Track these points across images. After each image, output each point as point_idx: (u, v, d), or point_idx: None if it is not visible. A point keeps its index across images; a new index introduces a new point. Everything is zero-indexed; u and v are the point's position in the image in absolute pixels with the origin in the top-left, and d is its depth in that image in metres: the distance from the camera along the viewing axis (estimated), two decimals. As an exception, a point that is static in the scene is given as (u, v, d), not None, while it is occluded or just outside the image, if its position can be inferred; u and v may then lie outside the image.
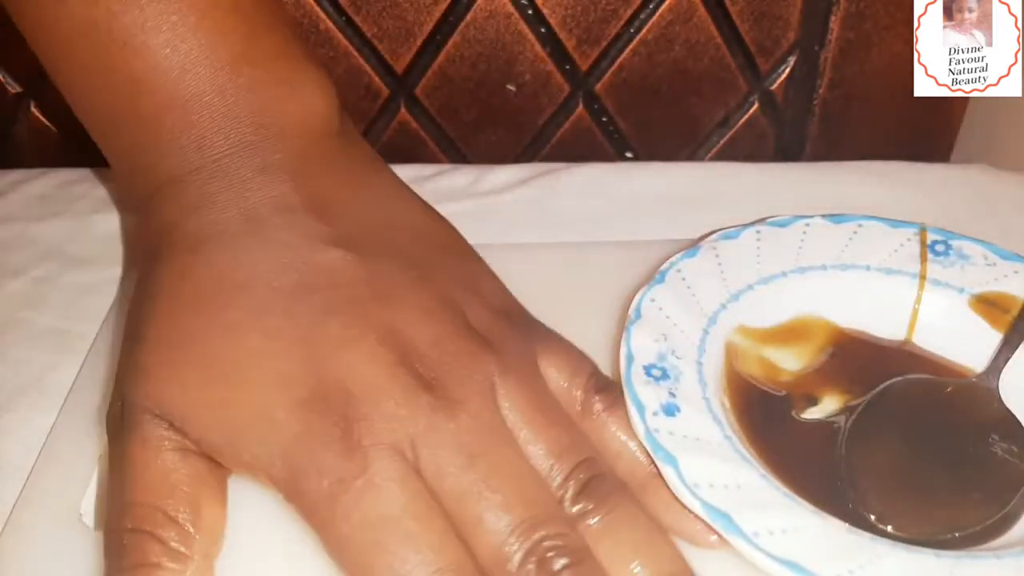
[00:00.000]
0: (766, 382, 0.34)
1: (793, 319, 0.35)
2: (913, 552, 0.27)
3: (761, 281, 0.35)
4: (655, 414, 0.30)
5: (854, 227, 0.37)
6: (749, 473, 0.29)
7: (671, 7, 0.47)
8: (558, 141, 0.51)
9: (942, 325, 0.35)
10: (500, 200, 0.44)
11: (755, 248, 0.36)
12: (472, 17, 0.47)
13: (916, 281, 0.36)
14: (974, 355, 0.34)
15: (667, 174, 0.45)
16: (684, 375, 0.31)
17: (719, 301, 0.34)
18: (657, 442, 0.29)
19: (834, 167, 0.46)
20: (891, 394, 0.33)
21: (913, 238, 0.36)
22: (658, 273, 0.34)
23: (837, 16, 0.48)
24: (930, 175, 0.45)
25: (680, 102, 0.50)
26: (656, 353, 0.32)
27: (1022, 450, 0.31)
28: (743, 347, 0.34)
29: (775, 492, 0.28)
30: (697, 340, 0.33)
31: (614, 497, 0.28)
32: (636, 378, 0.30)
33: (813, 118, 0.51)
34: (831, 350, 0.35)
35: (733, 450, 0.29)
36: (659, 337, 0.32)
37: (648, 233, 0.41)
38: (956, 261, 0.36)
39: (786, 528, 0.27)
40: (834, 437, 0.32)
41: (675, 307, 0.33)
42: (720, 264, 0.35)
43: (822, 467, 0.31)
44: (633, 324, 0.32)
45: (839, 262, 0.36)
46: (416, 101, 0.49)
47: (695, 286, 0.34)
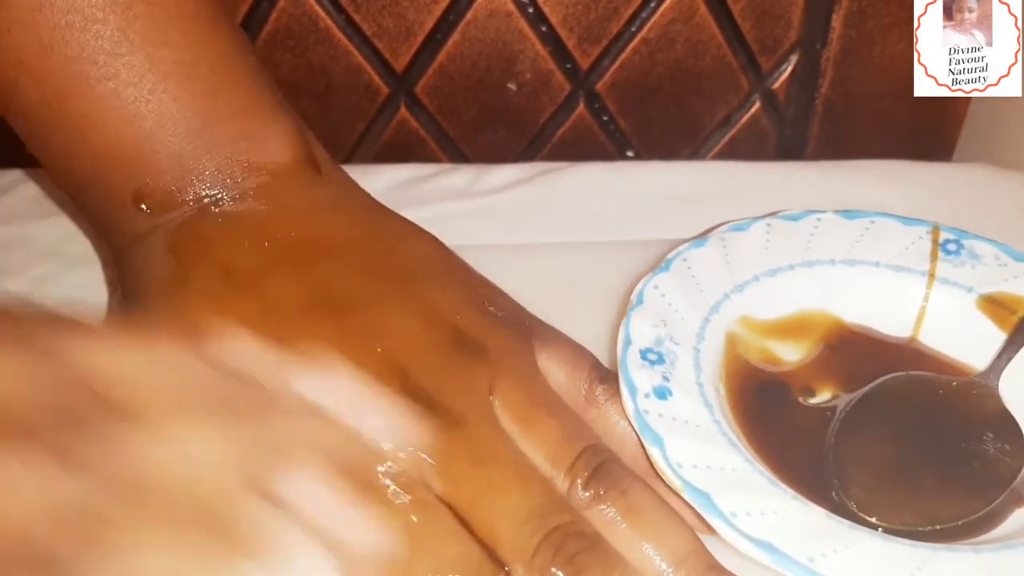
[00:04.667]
0: (766, 370, 0.34)
1: (798, 313, 0.35)
2: (890, 541, 0.27)
3: (768, 273, 0.35)
4: (647, 396, 0.30)
5: (866, 223, 0.37)
6: (734, 457, 0.29)
7: (672, 6, 0.47)
8: (558, 140, 0.50)
9: (949, 324, 0.35)
10: (500, 200, 0.44)
11: (764, 241, 0.36)
12: (472, 16, 0.47)
13: (925, 279, 0.35)
14: (979, 355, 0.34)
15: (668, 174, 0.45)
16: (680, 360, 0.32)
17: (723, 291, 0.34)
18: (645, 422, 0.29)
19: (836, 166, 0.46)
20: (889, 388, 0.33)
21: (925, 236, 0.36)
22: (664, 261, 0.35)
23: (839, 15, 0.48)
24: (932, 174, 0.45)
25: (681, 101, 0.50)
26: (654, 338, 0.32)
27: (1015, 448, 0.31)
28: (745, 338, 0.34)
29: (758, 476, 0.29)
30: (697, 328, 0.33)
31: (624, 481, 0.28)
32: (631, 361, 0.31)
33: (815, 117, 0.51)
34: (834, 344, 0.35)
35: (720, 433, 0.30)
36: (659, 323, 0.32)
37: (648, 233, 0.41)
38: (967, 260, 0.36)
39: (764, 510, 0.27)
40: (826, 426, 0.32)
41: (678, 295, 0.34)
42: (727, 255, 0.35)
43: (811, 455, 0.31)
44: (634, 309, 0.32)
45: (848, 257, 0.36)
46: (416, 100, 0.49)
47: (700, 275, 0.34)
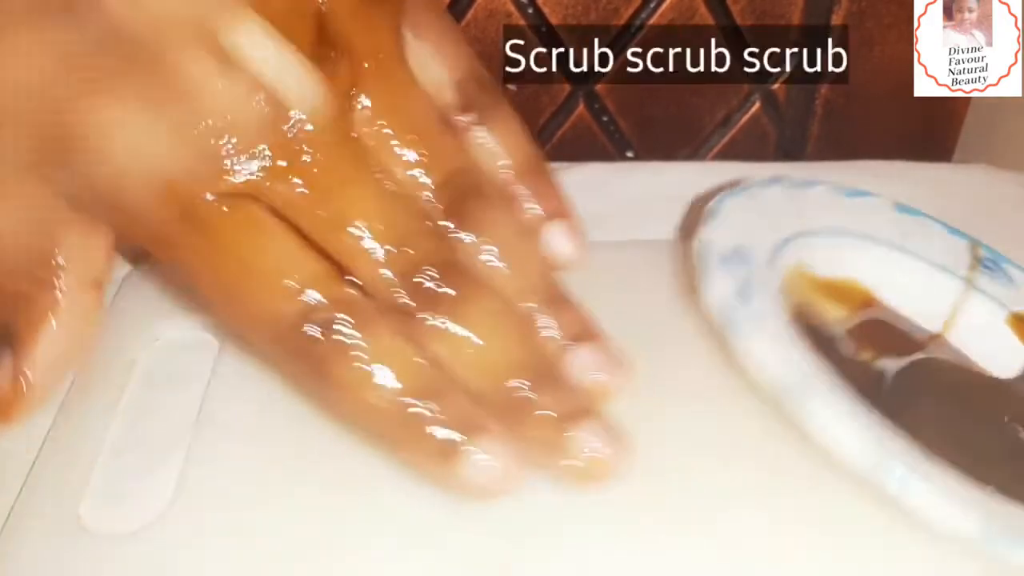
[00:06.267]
0: (813, 317, 0.35)
1: (845, 279, 0.36)
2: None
3: (826, 232, 0.36)
4: (727, 294, 0.30)
5: (915, 220, 0.38)
6: (809, 364, 0.29)
7: (672, 6, 0.47)
8: (558, 141, 0.50)
9: (977, 331, 0.36)
10: (500, 200, 0.44)
11: (825, 202, 0.37)
12: (472, 16, 0.47)
13: (963, 284, 0.36)
14: (1000, 365, 0.35)
15: (668, 174, 0.45)
16: (755, 275, 0.32)
17: (789, 231, 0.35)
18: (728, 316, 0.30)
19: (836, 167, 0.46)
20: (934, 362, 0.34)
21: (966, 249, 0.37)
22: (737, 188, 0.35)
23: (839, 15, 0.48)
24: (932, 174, 0.45)
25: (681, 101, 0.50)
26: (732, 247, 0.32)
27: None
28: (797, 282, 0.35)
29: (834, 390, 0.29)
30: (767, 254, 0.34)
31: (488, 211, 0.29)
32: (712, 260, 0.31)
33: (815, 117, 0.51)
34: (869, 318, 0.36)
35: (795, 345, 0.30)
36: (735, 236, 0.33)
37: (648, 233, 0.41)
38: (1002, 280, 0.37)
39: (843, 418, 0.28)
40: (877, 382, 0.33)
41: (753, 218, 0.34)
42: (795, 202, 0.36)
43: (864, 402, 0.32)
44: (712, 218, 0.33)
45: (897, 243, 0.37)
46: (417, 100, 0.49)
47: (770, 210, 0.35)
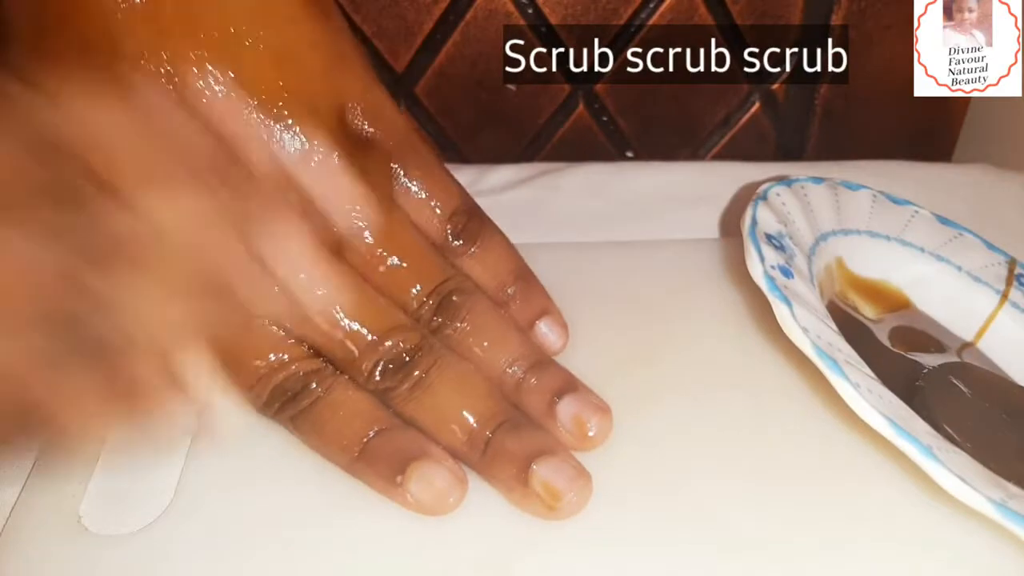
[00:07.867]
0: (849, 310, 0.35)
1: (881, 279, 0.37)
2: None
3: (869, 233, 0.37)
4: (773, 267, 0.31)
5: (956, 232, 0.38)
6: (848, 349, 0.30)
7: (672, 6, 0.47)
8: (558, 140, 0.50)
9: (1008, 343, 0.36)
10: (500, 200, 0.44)
11: (869, 206, 0.38)
12: (472, 16, 0.47)
13: (998, 298, 0.37)
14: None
15: (668, 174, 0.45)
16: (796, 258, 0.33)
17: (831, 227, 0.36)
18: (774, 283, 0.30)
19: (836, 167, 0.46)
20: (965, 365, 0.34)
21: (1003, 264, 0.37)
22: (785, 180, 0.36)
23: (838, 15, 0.48)
24: (932, 174, 0.45)
25: (681, 101, 0.50)
26: (776, 230, 0.33)
27: None
28: (836, 276, 0.35)
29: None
30: (809, 243, 0.34)
31: (468, 303, 0.31)
32: (760, 236, 0.32)
33: (815, 117, 0.51)
34: (903, 321, 0.36)
35: (831, 326, 0.30)
36: (780, 221, 0.34)
37: (648, 233, 0.41)
38: None
39: (882, 394, 0.28)
40: (913, 374, 0.33)
41: (795, 208, 0.35)
42: (838, 201, 0.37)
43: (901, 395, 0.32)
44: (760, 200, 0.34)
45: (937, 253, 0.37)
46: (416, 100, 0.49)
47: (814, 205, 0.36)
